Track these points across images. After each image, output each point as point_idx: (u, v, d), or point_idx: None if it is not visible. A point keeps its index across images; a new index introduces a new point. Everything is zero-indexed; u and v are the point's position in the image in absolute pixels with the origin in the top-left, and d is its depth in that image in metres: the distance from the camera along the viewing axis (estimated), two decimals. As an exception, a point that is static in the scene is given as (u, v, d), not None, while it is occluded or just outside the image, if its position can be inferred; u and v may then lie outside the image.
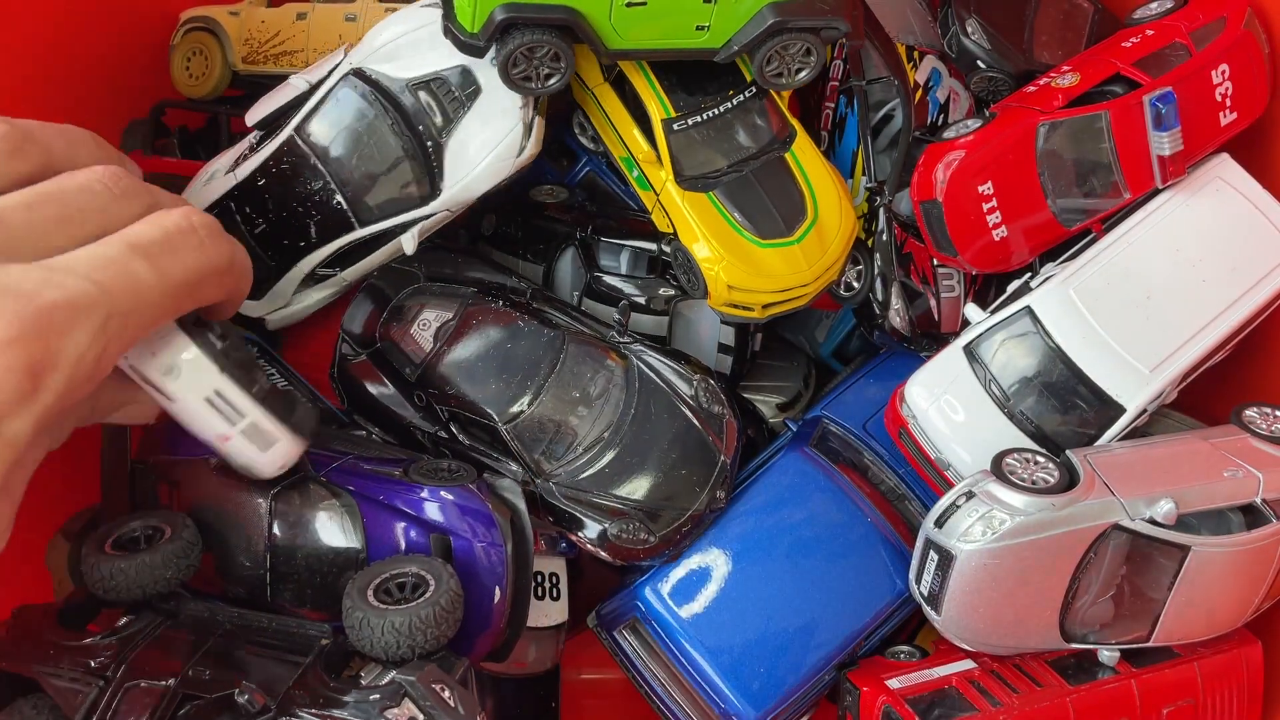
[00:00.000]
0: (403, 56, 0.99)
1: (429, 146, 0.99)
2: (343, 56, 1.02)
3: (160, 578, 0.82)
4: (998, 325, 1.01)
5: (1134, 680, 0.93)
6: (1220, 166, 1.05)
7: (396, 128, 0.99)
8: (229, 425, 0.79)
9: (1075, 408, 0.98)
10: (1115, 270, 1.00)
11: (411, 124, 0.99)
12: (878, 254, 1.09)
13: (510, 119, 0.99)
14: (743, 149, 1.04)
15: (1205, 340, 0.98)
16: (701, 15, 0.94)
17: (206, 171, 1.08)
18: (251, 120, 1.04)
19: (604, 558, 1.00)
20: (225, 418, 0.79)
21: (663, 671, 1.03)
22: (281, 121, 1.03)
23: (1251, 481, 0.93)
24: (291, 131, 1.01)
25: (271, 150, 1.02)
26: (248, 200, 1.04)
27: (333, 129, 1.00)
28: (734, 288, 1.00)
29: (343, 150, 1.00)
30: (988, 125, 1.02)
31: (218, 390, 0.78)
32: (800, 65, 1.00)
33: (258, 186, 1.03)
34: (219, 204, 1.04)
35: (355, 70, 1.00)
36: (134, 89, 1.25)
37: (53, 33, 1.16)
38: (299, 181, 1.02)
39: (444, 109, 0.99)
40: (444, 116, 0.99)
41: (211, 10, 1.25)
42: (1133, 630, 0.94)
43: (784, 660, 0.99)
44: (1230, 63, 1.02)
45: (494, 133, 0.99)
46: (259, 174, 1.03)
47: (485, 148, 0.99)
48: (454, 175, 1.00)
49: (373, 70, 1.00)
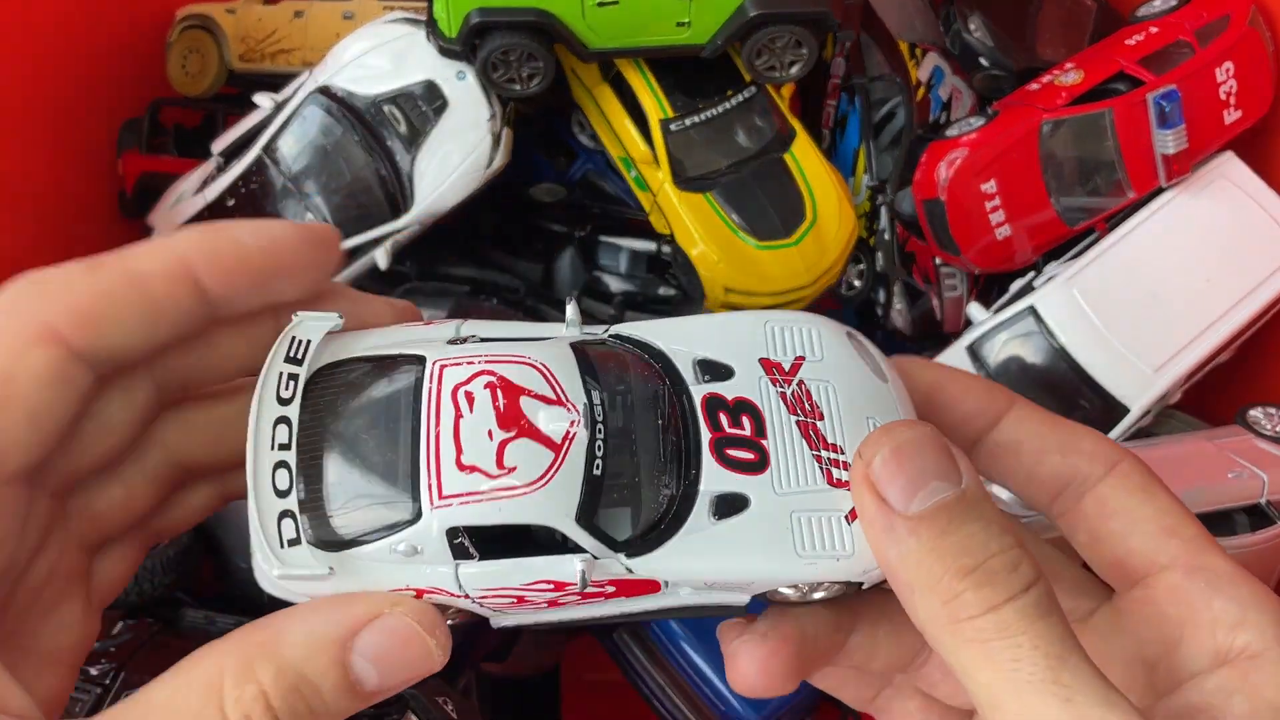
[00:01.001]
0: (368, 73, 1.00)
1: (398, 161, 0.99)
2: (308, 75, 1.03)
3: (159, 583, 0.82)
4: (1001, 325, 1.01)
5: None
6: (1225, 165, 1.04)
7: (365, 144, 0.99)
8: None
9: (1079, 408, 0.98)
10: (1119, 269, 1.00)
11: (380, 139, 1.00)
12: (880, 253, 1.09)
13: (479, 131, 0.99)
14: (741, 149, 1.03)
15: (1210, 340, 0.98)
16: (680, 12, 0.94)
17: (174, 193, 1.09)
18: (218, 149, 1.05)
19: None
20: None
21: (662, 674, 1.03)
22: (249, 142, 1.03)
23: (1256, 483, 0.92)
24: (260, 151, 1.02)
25: (240, 170, 1.03)
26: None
27: (300, 147, 1.01)
28: (731, 290, 1.00)
29: (311, 168, 1.01)
30: (990, 123, 1.01)
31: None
32: (793, 58, 0.99)
33: (228, 207, 1.04)
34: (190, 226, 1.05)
35: (321, 88, 1.00)
36: (130, 87, 1.25)
37: (48, 31, 1.15)
38: (269, 200, 1.02)
39: (411, 124, 0.99)
40: (412, 131, 0.99)
41: (208, 8, 1.24)
42: (1136, 632, 0.94)
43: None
44: (1235, 60, 1.01)
45: (462, 146, 0.99)
46: (228, 194, 1.04)
47: (454, 161, 0.99)
48: (424, 189, 1.00)
49: (338, 88, 1.00)
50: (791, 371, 0.43)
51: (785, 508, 0.40)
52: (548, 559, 0.40)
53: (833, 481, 0.41)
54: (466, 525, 0.39)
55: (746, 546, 0.40)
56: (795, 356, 0.44)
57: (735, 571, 0.41)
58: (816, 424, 0.42)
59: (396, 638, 0.39)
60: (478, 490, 0.39)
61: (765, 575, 0.41)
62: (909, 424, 0.40)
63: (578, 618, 0.43)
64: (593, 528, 0.40)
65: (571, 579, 0.40)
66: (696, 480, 0.41)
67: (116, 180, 1.24)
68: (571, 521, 0.39)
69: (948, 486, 0.37)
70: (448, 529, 0.39)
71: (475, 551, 0.40)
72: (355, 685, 0.38)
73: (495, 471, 0.39)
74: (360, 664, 0.38)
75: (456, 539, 0.39)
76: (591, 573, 0.39)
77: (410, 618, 0.39)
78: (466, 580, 0.40)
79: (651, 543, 0.40)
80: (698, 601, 0.43)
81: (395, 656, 0.39)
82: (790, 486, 0.41)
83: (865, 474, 0.38)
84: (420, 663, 0.39)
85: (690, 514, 0.41)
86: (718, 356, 0.44)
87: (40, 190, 1.17)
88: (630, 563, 0.40)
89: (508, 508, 0.39)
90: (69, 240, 1.21)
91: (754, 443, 0.42)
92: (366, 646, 0.38)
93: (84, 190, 1.23)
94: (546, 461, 0.40)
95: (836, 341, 0.45)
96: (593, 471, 0.40)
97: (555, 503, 0.39)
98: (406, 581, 0.40)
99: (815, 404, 0.42)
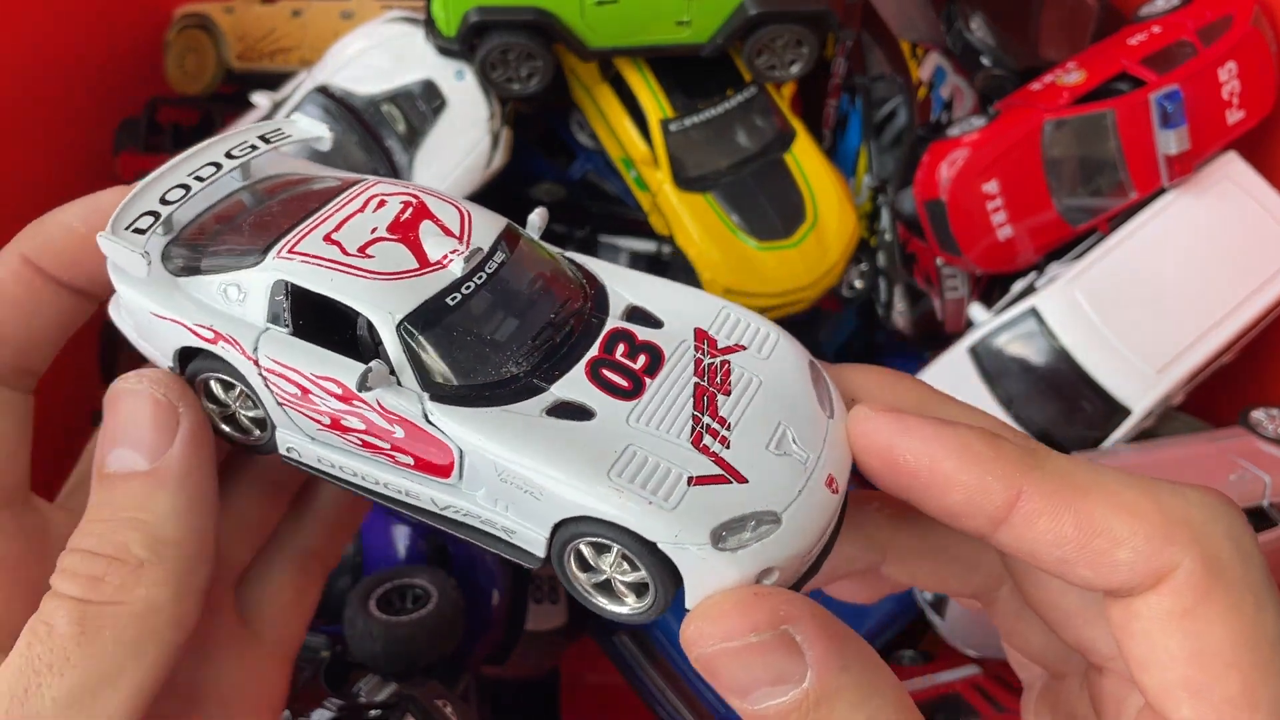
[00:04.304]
0: (367, 72, 0.99)
1: (396, 161, 0.99)
2: (306, 74, 1.02)
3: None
4: (1003, 326, 1.00)
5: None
6: (1228, 165, 1.03)
7: (363, 143, 0.99)
8: None
9: (1081, 410, 0.97)
10: (1122, 270, 0.99)
11: (378, 139, 0.99)
12: (881, 254, 1.08)
13: (478, 130, 0.98)
14: (741, 150, 1.02)
15: (1212, 342, 0.97)
16: (680, 11, 0.94)
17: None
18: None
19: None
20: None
21: (661, 676, 1.02)
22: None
23: (1258, 484, 0.92)
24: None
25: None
26: None
27: (299, 146, 1.00)
28: (731, 290, 0.99)
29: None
30: (992, 123, 1.01)
31: None
32: (793, 57, 0.99)
33: None
34: None
35: (319, 87, 1.00)
36: (128, 86, 1.24)
37: (47, 30, 1.15)
38: None
39: (410, 123, 0.99)
40: (410, 130, 0.99)
41: (206, 7, 1.23)
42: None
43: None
44: (1238, 60, 1.01)
45: (461, 145, 0.99)
46: None
47: (453, 160, 0.99)
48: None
49: (337, 87, 1.00)
50: (722, 351, 0.40)
51: (626, 437, 0.36)
52: (347, 360, 0.38)
53: (698, 445, 0.36)
54: (295, 285, 0.38)
55: (560, 447, 0.36)
56: (736, 343, 0.41)
57: (534, 467, 0.36)
58: (716, 395, 0.38)
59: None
60: (326, 258, 0.38)
61: (564, 484, 0.35)
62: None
63: (355, 470, 0.40)
64: (412, 345, 0.37)
65: (398, 405, 0.37)
66: (551, 378, 0.38)
67: (114, 179, 1.23)
68: (392, 322, 0.37)
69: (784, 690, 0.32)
70: (275, 282, 0.39)
71: (289, 324, 0.39)
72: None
73: (353, 253, 0.39)
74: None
75: (277, 299, 0.39)
76: (379, 383, 0.37)
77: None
78: (265, 343, 0.39)
79: (465, 400, 0.37)
80: (489, 518, 0.39)
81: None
82: (646, 425, 0.37)
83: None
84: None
85: (525, 400, 0.37)
86: (654, 310, 0.42)
87: (38, 189, 1.16)
88: (431, 406, 0.37)
89: (341, 281, 0.38)
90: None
91: (635, 375, 0.39)
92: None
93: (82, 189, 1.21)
94: (405, 265, 0.39)
95: (791, 356, 0.41)
96: (445, 301, 0.38)
97: (386, 298, 0.38)
98: (210, 321, 0.40)
99: (728, 383, 0.39)
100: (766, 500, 0.35)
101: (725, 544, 0.34)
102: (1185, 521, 0.33)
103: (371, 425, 0.38)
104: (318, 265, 0.38)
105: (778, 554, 0.35)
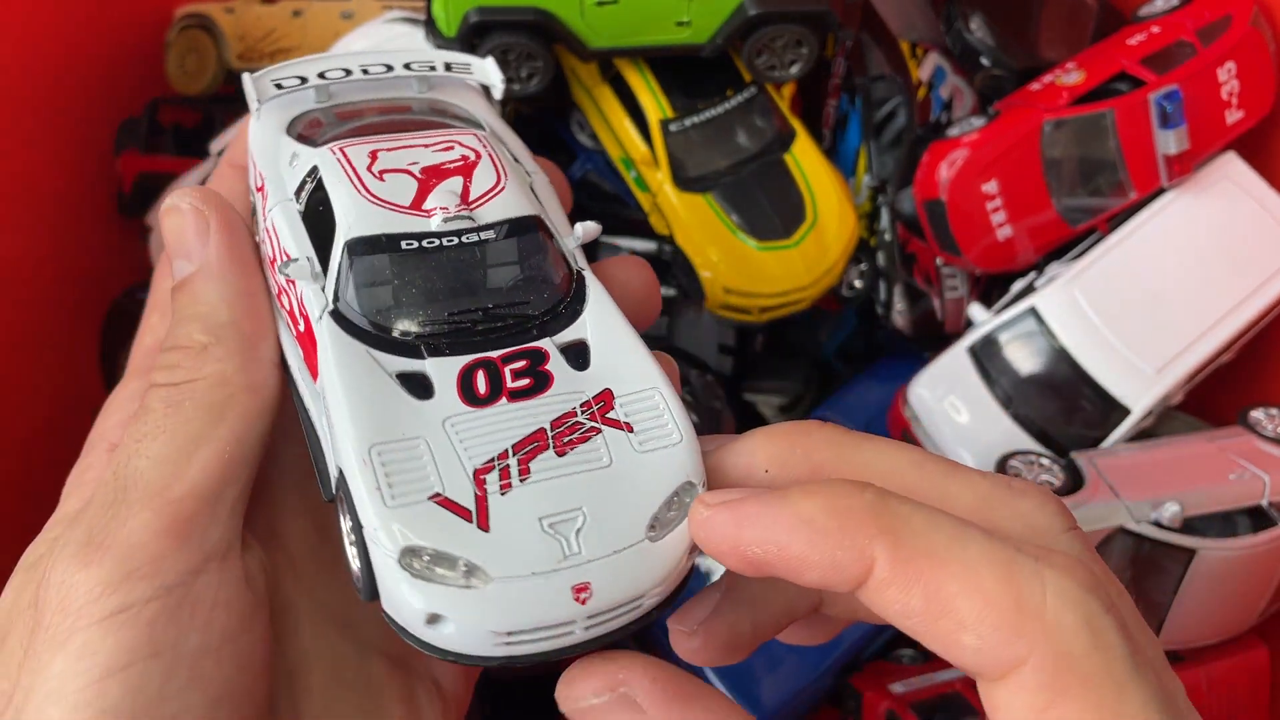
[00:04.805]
0: None
1: None
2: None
3: None
4: (1002, 326, 1.00)
5: (1139, 685, 0.92)
6: (1227, 165, 1.04)
7: None
8: None
9: (1080, 409, 0.97)
10: (1121, 270, 0.99)
11: None
12: (881, 253, 1.08)
13: None
14: (741, 150, 1.02)
15: (1212, 341, 0.97)
16: (680, 11, 0.94)
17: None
18: (216, 149, 1.04)
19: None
20: None
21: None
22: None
23: (1257, 484, 0.92)
24: None
25: (238, 169, 1.03)
26: None
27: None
28: (730, 291, 0.99)
29: None
30: (992, 123, 1.01)
31: None
32: (793, 57, 0.99)
33: None
34: None
35: None
36: (128, 87, 1.24)
37: (47, 30, 1.15)
38: None
39: None
40: None
41: (207, 7, 1.24)
42: (1138, 635, 0.93)
43: (785, 664, 0.99)
44: (1237, 60, 1.01)
45: None
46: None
47: None
48: None
49: None
50: (606, 421, 0.38)
51: (427, 431, 0.36)
52: (310, 250, 0.41)
53: (476, 476, 0.35)
54: (320, 172, 0.42)
55: (372, 404, 0.37)
56: (626, 422, 0.38)
57: (339, 406, 0.37)
58: (547, 449, 0.37)
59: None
60: (352, 165, 0.42)
61: (342, 434, 0.36)
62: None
63: (286, 344, 0.43)
64: (344, 262, 0.39)
65: (310, 302, 0.40)
66: (435, 352, 0.38)
67: (115, 180, 1.24)
68: (345, 235, 0.40)
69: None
70: (313, 165, 0.43)
71: (303, 204, 0.42)
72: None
73: (374, 173, 0.42)
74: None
75: (306, 179, 0.43)
76: (299, 274, 0.39)
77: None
78: (277, 207, 0.43)
79: (351, 329, 0.39)
80: (322, 435, 0.40)
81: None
82: (454, 433, 0.36)
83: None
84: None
85: (393, 355, 0.38)
86: (596, 354, 0.40)
87: (38, 189, 1.16)
88: (326, 318, 0.39)
89: (342, 188, 0.41)
90: (67, 240, 1.21)
91: (500, 390, 0.38)
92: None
93: (82, 190, 1.23)
94: (398, 200, 0.41)
95: (666, 471, 0.37)
96: (400, 243, 0.39)
97: (359, 215, 0.40)
98: (266, 173, 0.45)
99: (574, 447, 0.37)
100: (493, 559, 0.34)
101: (411, 564, 0.34)
102: (1037, 613, 0.30)
103: (293, 309, 0.41)
104: (342, 167, 0.41)
105: (467, 610, 0.34)
